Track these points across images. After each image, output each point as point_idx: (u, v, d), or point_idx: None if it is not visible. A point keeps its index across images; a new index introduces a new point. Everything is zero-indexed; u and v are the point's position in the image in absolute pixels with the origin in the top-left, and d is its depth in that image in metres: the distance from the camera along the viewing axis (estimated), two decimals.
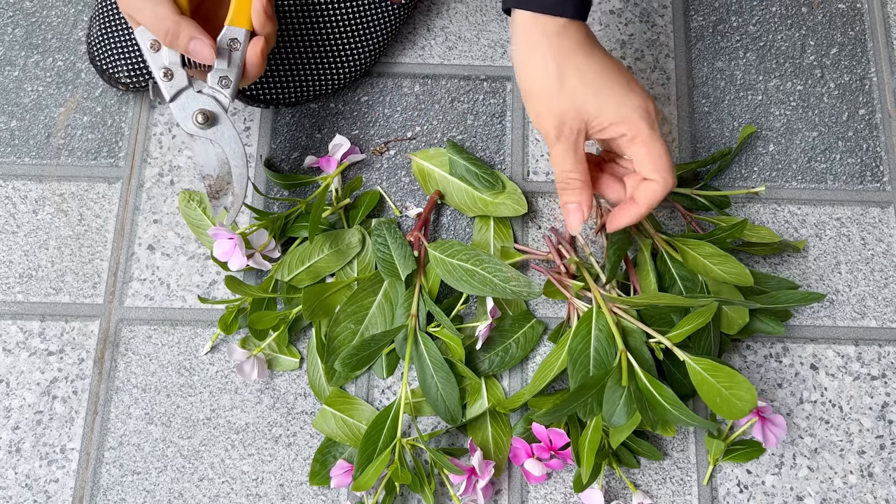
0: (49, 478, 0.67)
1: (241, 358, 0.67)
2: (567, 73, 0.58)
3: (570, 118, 0.59)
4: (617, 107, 0.59)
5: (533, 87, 0.60)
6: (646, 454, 0.66)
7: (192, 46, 0.60)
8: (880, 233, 0.75)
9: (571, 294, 0.68)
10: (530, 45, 0.59)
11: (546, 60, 0.59)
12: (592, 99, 0.59)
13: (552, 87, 0.59)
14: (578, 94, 0.59)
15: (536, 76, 0.59)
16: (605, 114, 0.59)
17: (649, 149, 0.59)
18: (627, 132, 0.59)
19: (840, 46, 0.82)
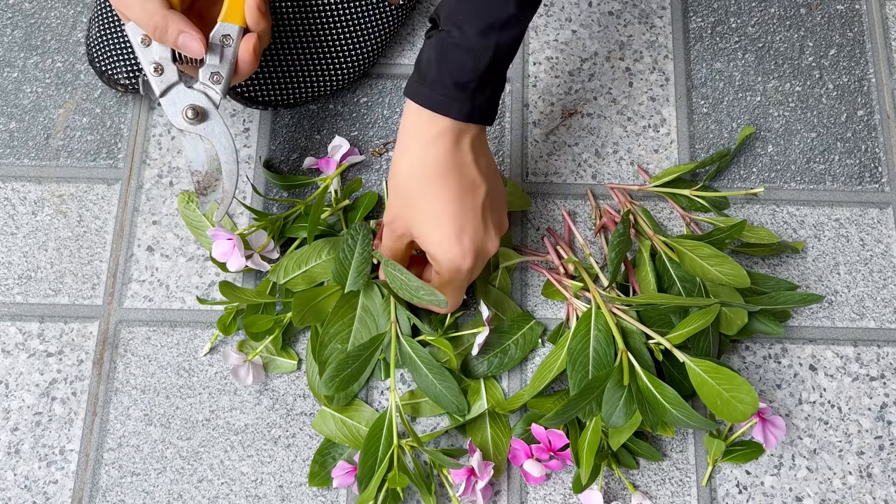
0: (48, 479, 0.67)
1: (237, 363, 0.67)
2: (417, 193, 0.60)
3: (403, 228, 0.62)
4: (436, 246, 0.60)
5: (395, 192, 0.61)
6: (645, 455, 0.66)
7: (181, 40, 0.60)
8: (879, 234, 0.75)
9: (570, 294, 0.68)
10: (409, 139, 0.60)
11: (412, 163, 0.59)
12: (425, 227, 0.60)
13: (403, 200, 0.61)
14: (415, 218, 0.61)
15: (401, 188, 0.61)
16: (426, 242, 0.61)
17: (439, 281, 0.63)
18: (434, 264, 0.62)
19: (839, 47, 0.82)
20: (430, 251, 0.61)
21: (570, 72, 0.80)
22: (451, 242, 0.60)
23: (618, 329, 0.63)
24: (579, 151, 0.77)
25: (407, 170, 0.60)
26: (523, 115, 0.78)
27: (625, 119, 0.78)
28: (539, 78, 0.80)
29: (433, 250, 0.61)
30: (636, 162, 0.77)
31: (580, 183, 0.76)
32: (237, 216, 0.74)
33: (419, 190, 0.59)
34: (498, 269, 0.72)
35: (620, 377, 0.60)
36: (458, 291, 0.63)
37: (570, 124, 0.78)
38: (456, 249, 0.60)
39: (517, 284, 0.72)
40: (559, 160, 0.77)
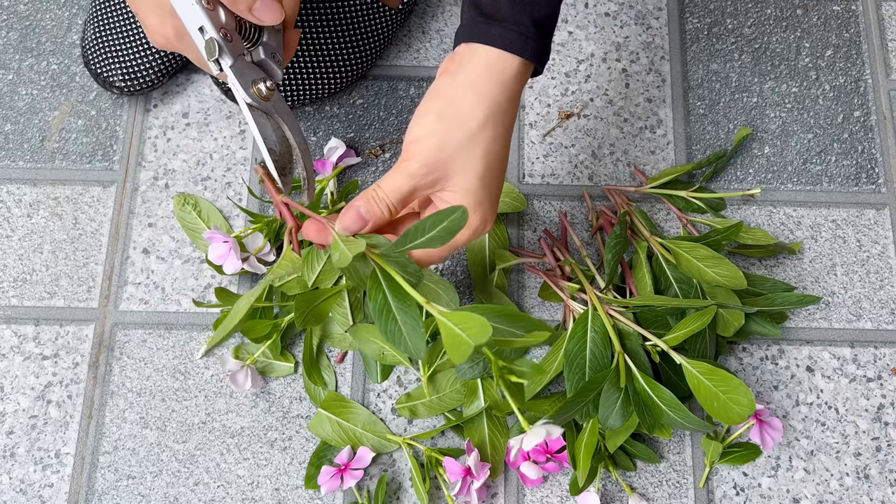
0: (44, 482, 0.66)
1: (234, 368, 0.66)
2: (479, 141, 0.53)
3: (440, 173, 0.53)
4: (474, 204, 0.53)
5: (443, 118, 0.53)
6: (642, 457, 0.66)
7: (258, 5, 0.55)
8: (876, 235, 0.75)
9: (567, 296, 0.68)
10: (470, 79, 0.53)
11: (473, 117, 0.53)
12: (470, 180, 0.53)
13: (458, 138, 0.53)
14: (469, 165, 0.53)
15: (455, 115, 0.53)
16: (462, 197, 0.53)
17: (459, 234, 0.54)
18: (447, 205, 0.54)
19: (835, 48, 0.82)
20: (473, 195, 0.53)
21: (566, 73, 0.80)
22: (491, 203, 0.54)
23: (614, 331, 0.63)
24: (576, 153, 0.77)
25: (481, 120, 0.52)
26: (520, 116, 0.78)
27: (621, 120, 0.78)
28: (536, 79, 0.80)
29: (471, 209, 0.53)
30: (633, 163, 0.77)
31: (577, 184, 0.76)
32: (233, 218, 0.74)
33: (486, 147, 0.53)
34: (495, 270, 0.71)
35: (617, 379, 0.60)
36: (452, 252, 0.56)
37: (566, 126, 0.78)
38: (491, 213, 0.54)
39: (514, 286, 0.72)
40: (556, 162, 0.77)
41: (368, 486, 0.66)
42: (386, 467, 0.67)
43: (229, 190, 0.75)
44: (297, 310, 0.65)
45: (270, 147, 0.57)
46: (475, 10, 0.54)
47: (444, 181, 0.53)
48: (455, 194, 0.53)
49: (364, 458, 0.65)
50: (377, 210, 0.53)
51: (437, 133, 0.53)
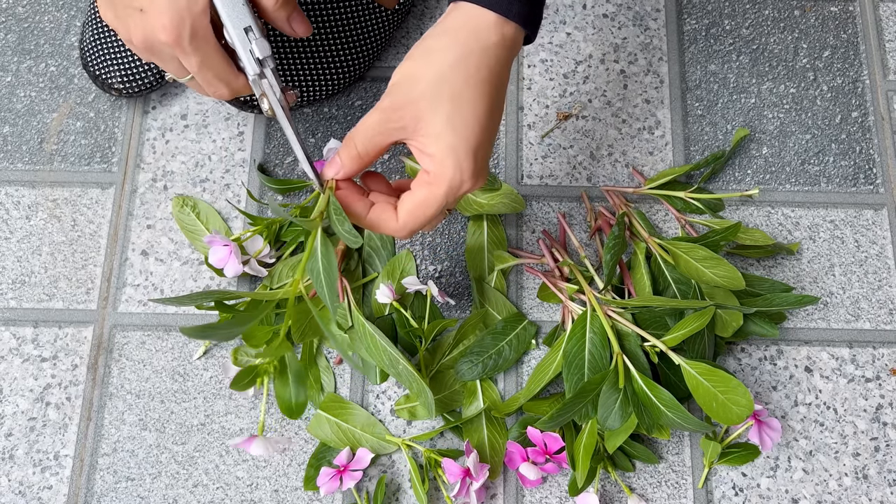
0: (43, 485, 0.66)
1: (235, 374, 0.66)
2: (450, 83, 0.52)
3: (408, 116, 0.52)
4: (447, 153, 0.52)
5: (426, 54, 0.52)
6: (641, 457, 0.66)
7: (295, 14, 0.55)
8: (874, 235, 0.75)
9: (566, 297, 0.68)
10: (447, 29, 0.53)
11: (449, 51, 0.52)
12: (440, 126, 0.52)
13: (430, 76, 0.52)
14: (437, 109, 0.52)
15: (435, 51, 0.52)
16: (434, 146, 0.52)
17: (423, 201, 0.54)
18: (431, 176, 0.53)
19: (833, 49, 0.82)
20: (438, 156, 0.52)
21: (564, 74, 0.80)
22: (467, 153, 0.52)
23: (613, 331, 0.63)
24: (574, 154, 0.77)
25: (451, 61, 0.51)
26: (518, 117, 0.78)
27: (619, 121, 0.78)
28: (534, 80, 0.80)
29: (442, 155, 0.52)
30: (631, 164, 0.77)
31: (575, 185, 0.76)
32: (231, 220, 0.74)
33: (456, 88, 0.51)
34: (494, 271, 0.72)
35: (616, 380, 0.60)
36: (438, 217, 0.55)
37: (564, 127, 0.78)
38: (468, 162, 0.52)
39: (513, 287, 0.72)
40: (554, 163, 0.77)
41: (367, 487, 0.66)
42: (385, 468, 0.67)
43: (228, 192, 0.75)
44: (295, 323, 0.65)
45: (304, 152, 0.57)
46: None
47: (416, 123, 0.52)
48: (426, 139, 0.52)
49: (363, 460, 0.65)
50: (346, 152, 0.53)
51: (409, 73, 0.52)
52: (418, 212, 0.54)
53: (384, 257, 0.72)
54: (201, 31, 0.55)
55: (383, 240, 0.73)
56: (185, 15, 0.54)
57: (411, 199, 0.54)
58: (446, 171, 0.52)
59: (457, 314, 0.72)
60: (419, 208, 0.54)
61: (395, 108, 0.52)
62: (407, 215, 0.54)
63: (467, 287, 0.72)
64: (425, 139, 0.52)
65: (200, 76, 0.58)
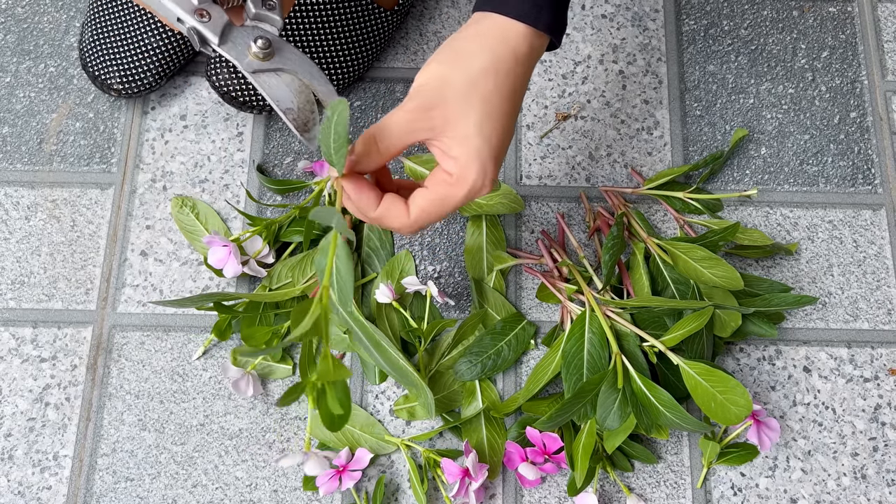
0: (42, 485, 0.66)
1: (236, 376, 0.66)
2: (479, 87, 0.52)
3: (437, 118, 0.52)
4: (473, 157, 0.52)
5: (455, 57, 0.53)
6: (640, 458, 0.66)
7: None
8: (872, 235, 0.75)
9: (564, 297, 0.68)
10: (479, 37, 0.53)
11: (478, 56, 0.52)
12: (469, 129, 0.52)
13: (458, 80, 0.52)
14: (466, 113, 0.52)
15: (462, 53, 0.53)
16: (460, 149, 0.52)
17: (440, 201, 0.53)
18: (453, 177, 0.53)
19: (831, 50, 0.82)
20: (463, 159, 0.52)
21: (563, 75, 0.80)
22: (490, 158, 0.52)
23: (612, 332, 0.63)
24: (573, 154, 0.77)
25: (482, 67, 0.52)
26: (517, 118, 0.78)
27: (618, 122, 0.78)
28: (532, 81, 0.80)
29: (468, 158, 0.52)
30: (630, 164, 0.77)
31: (574, 186, 0.76)
32: (230, 220, 0.74)
33: (486, 94, 0.52)
34: (493, 272, 0.72)
35: (615, 380, 0.61)
36: (448, 212, 0.54)
37: (563, 127, 0.78)
38: (490, 167, 0.52)
39: (511, 287, 0.72)
40: (553, 163, 0.77)
41: (366, 487, 0.66)
42: (384, 469, 0.67)
43: (227, 192, 0.75)
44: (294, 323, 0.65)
45: (287, 107, 0.55)
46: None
47: (444, 125, 0.52)
48: (453, 140, 0.52)
49: (362, 460, 0.65)
50: (364, 148, 0.52)
51: (438, 75, 0.53)
52: (432, 209, 0.53)
53: (383, 257, 0.72)
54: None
55: (382, 240, 0.73)
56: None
57: (426, 196, 0.53)
58: (470, 174, 0.52)
59: (456, 314, 0.72)
60: (434, 206, 0.53)
61: (424, 108, 0.52)
62: (420, 212, 0.53)
63: (466, 287, 0.72)
64: (451, 141, 0.52)
65: None
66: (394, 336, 0.69)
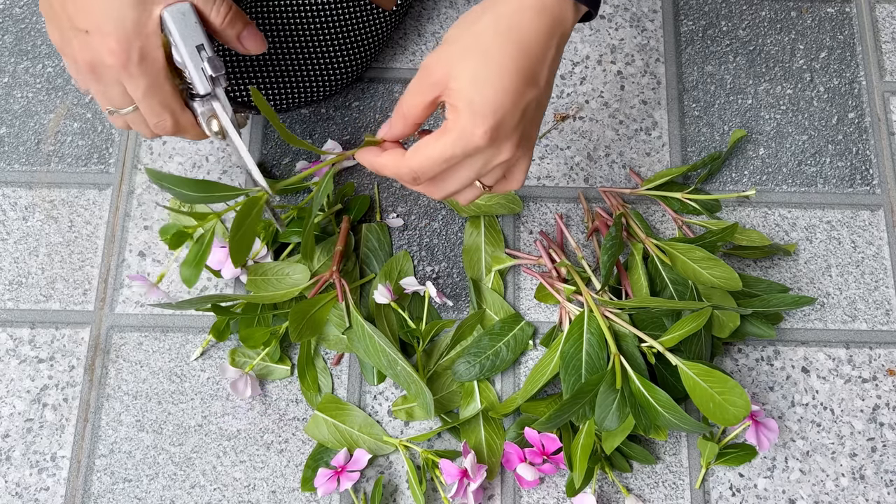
0: (39, 486, 0.66)
1: (234, 376, 0.66)
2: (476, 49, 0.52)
3: (443, 65, 0.52)
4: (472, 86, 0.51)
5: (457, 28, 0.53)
6: (638, 458, 0.66)
7: (246, 32, 0.57)
8: (870, 236, 0.75)
9: (563, 298, 0.68)
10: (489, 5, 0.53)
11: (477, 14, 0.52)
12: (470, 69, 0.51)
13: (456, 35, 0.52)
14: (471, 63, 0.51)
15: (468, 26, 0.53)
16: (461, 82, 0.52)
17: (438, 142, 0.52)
18: (448, 122, 0.52)
19: (829, 50, 0.82)
20: (459, 106, 0.51)
21: (561, 75, 0.80)
22: (484, 107, 0.51)
23: (610, 332, 0.63)
24: (571, 155, 0.77)
25: (486, 22, 0.52)
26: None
27: (616, 122, 0.79)
28: None
29: (462, 106, 0.51)
30: (628, 165, 0.77)
31: (572, 186, 0.76)
32: (229, 221, 0.74)
33: (484, 45, 0.51)
34: (491, 272, 0.72)
35: (613, 381, 0.61)
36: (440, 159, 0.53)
37: (562, 128, 0.78)
38: (483, 119, 0.51)
39: (510, 288, 0.72)
40: (551, 164, 0.77)
41: (365, 488, 0.66)
42: (382, 469, 0.67)
43: None
44: (292, 323, 0.65)
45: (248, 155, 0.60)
46: None
47: (447, 79, 0.52)
48: (452, 93, 0.52)
49: (360, 461, 0.65)
50: (394, 113, 0.54)
51: (449, 34, 0.53)
52: (422, 152, 0.53)
53: (381, 258, 0.72)
54: (151, 54, 0.55)
55: (381, 241, 0.73)
56: (134, 36, 0.54)
57: (420, 142, 0.53)
58: (459, 121, 0.51)
59: (454, 315, 0.72)
60: (424, 149, 0.53)
61: (430, 64, 0.52)
62: (412, 152, 0.53)
63: (464, 288, 0.72)
64: (451, 93, 0.52)
65: (145, 103, 0.57)
66: (393, 337, 0.69)
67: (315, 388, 0.68)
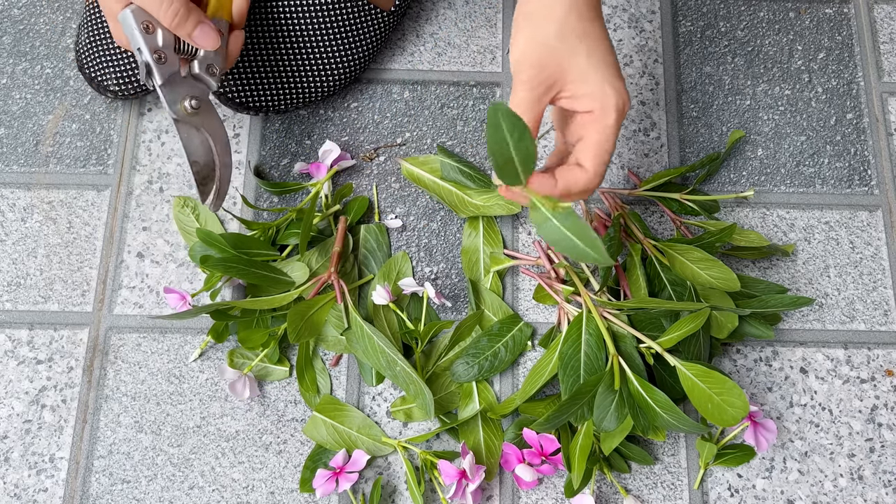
0: (38, 487, 0.66)
1: (233, 377, 0.66)
2: (571, 27, 0.55)
3: (551, 69, 0.55)
4: (602, 84, 0.55)
5: (530, 19, 0.55)
6: (637, 459, 0.66)
7: (198, 31, 0.61)
8: (869, 236, 0.75)
9: (561, 299, 0.68)
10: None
11: (556, 5, 0.55)
12: (584, 63, 0.55)
13: (551, 30, 0.55)
14: (574, 51, 0.55)
15: (540, 12, 0.55)
16: (587, 84, 0.55)
17: (601, 137, 0.56)
18: (596, 111, 0.55)
19: (827, 51, 0.82)
20: (596, 89, 0.55)
21: None
22: (615, 76, 0.55)
23: (609, 333, 0.63)
24: None
25: (563, 13, 0.54)
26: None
27: None
28: None
29: (599, 87, 0.55)
30: (626, 166, 0.77)
31: None
32: (227, 222, 0.74)
33: (579, 31, 0.55)
34: (490, 273, 0.72)
35: (611, 381, 0.61)
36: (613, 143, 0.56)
37: None
38: (620, 83, 0.55)
39: (508, 289, 0.72)
40: None
41: (363, 489, 0.66)
42: (381, 470, 0.67)
43: None
44: (291, 324, 0.65)
45: (194, 159, 0.63)
46: None
47: (562, 75, 0.55)
48: (575, 84, 0.55)
49: (359, 462, 0.65)
50: None
51: (529, 40, 0.55)
52: (602, 149, 0.56)
53: (380, 259, 0.72)
54: (182, 13, 0.60)
55: (379, 241, 0.73)
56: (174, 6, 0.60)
57: (588, 143, 0.56)
58: (609, 98, 0.55)
59: (452, 316, 0.72)
60: (602, 145, 0.56)
61: (536, 74, 0.55)
62: (594, 159, 0.56)
63: (463, 289, 0.72)
64: (574, 84, 0.55)
65: None
66: (392, 338, 0.69)
67: (314, 389, 0.68)
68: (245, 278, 0.66)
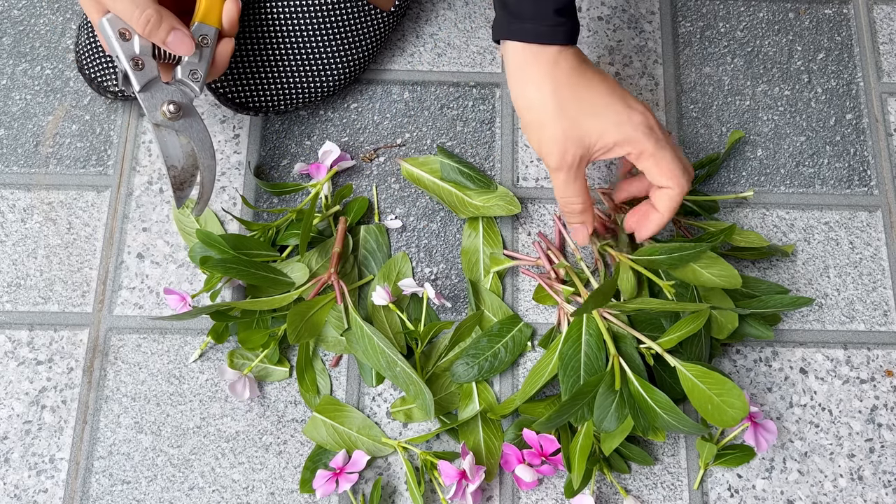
0: (38, 488, 0.66)
1: (233, 378, 0.66)
2: (565, 101, 0.59)
3: (571, 147, 0.59)
4: (618, 127, 0.59)
5: (531, 118, 0.60)
6: (637, 459, 0.66)
7: (171, 37, 0.61)
8: (868, 237, 0.75)
9: (561, 299, 0.69)
10: (524, 76, 0.60)
11: (542, 90, 0.59)
12: (593, 124, 0.59)
13: (550, 116, 0.59)
14: (578, 121, 0.59)
15: (533, 107, 0.60)
16: (607, 136, 0.59)
17: (657, 160, 0.60)
18: (633, 150, 0.60)
19: (827, 51, 0.82)
20: (619, 138, 0.59)
21: None
22: (628, 107, 0.60)
23: (609, 334, 0.63)
24: None
25: (549, 91, 0.59)
26: (513, 119, 0.78)
27: None
28: None
29: (621, 135, 0.59)
30: None
31: None
32: (227, 223, 0.74)
33: (573, 95, 0.59)
34: (490, 273, 0.72)
35: (612, 382, 0.61)
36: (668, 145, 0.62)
37: None
38: (634, 112, 0.60)
39: (508, 289, 0.72)
40: None
41: (363, 489, 0.66)
42: (381, 471, 0.67)
43: (223, 194, 0.75)
44: (290, 325, 0.65)
45: (172, 164, 0.63)
46: (504, 10, 0.60)
47: (591, 142, 0.60)
48: (604, 139, 0.59)
49: (359, 462, 0.65)
50: (576, 218, 0.64)
51: (540, 126, 0.60)
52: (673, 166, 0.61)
53: (380, 260, 0.72)
54: (154, 20, 0.60)
55: (379, 242, 0.73)
56: (145, 13, 0.60)
57: (660, 168, 0.60)
58: (637, 132, 0.59)
59: (452, 316, 0.72)
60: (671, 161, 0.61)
61: (562, 155, 0.60)
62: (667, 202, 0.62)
63: (463, 289, 0.72)
64: (599, 141, 0.60)
65: None
66: (392, 338, 0.69)
67: (314, 390, 0.68)
68: (245, 279, 0.66)
